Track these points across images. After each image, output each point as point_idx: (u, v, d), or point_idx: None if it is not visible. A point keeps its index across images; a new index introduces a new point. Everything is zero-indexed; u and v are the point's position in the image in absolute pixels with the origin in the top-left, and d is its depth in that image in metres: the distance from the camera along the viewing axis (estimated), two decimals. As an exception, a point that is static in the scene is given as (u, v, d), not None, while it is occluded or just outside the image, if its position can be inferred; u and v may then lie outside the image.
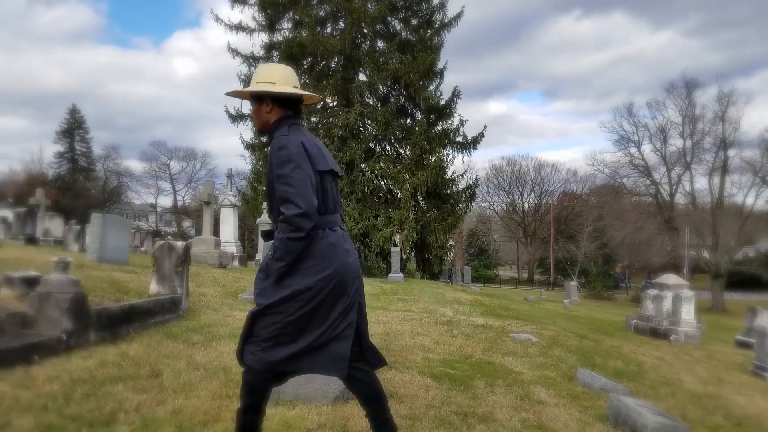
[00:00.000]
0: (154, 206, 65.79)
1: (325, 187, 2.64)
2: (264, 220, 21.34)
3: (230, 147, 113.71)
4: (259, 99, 2.72)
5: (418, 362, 5.56)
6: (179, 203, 64.07)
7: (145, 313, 5.84)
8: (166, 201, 66.25)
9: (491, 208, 62.66)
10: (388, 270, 23.29)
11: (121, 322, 5.30)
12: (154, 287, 6.76)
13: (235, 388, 3.80)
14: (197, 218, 57.96)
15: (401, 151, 26.31)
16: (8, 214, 39.95)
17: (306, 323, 2.56)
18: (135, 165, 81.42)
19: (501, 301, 17.20)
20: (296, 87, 2.74)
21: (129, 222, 10.71)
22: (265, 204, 23.21)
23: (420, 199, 24.51)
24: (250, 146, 26.87)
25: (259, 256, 19.81)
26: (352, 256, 2.71)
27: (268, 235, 2.71)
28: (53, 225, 17.28)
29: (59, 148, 56.07)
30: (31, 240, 15.08)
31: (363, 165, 24.25)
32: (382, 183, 25.55)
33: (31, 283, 5.18)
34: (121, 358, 4.48)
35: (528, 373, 5.59)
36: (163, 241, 6.89)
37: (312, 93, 2.89)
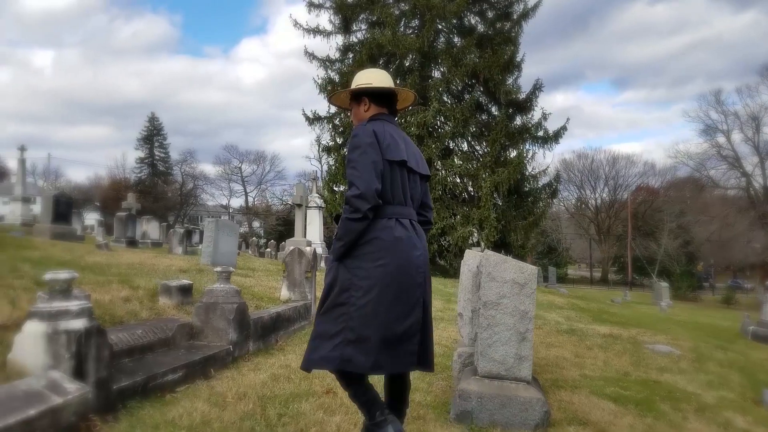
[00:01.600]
0: (226, 207, 67.68)
1: (394, 177, 2.63)
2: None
3: (295, 149, 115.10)
4: (357, 99, 2.85)
5: (578, 380, 5.16)
6: (250, 204, 65.67)
7: (287, 321, 5.72)
8: (236, 202, 68.11)
9: (561, 204, 60.62)
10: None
11: (270, 331, 5.19)
12: (284, 293, 6.66)
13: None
14: (265, 219, 59.32)
15: (478, 148, 25.70)
16: (98, 217, 42.13)
17: (372, 315, 2.53)
18: (209, 168, 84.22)
19: (597, 305, 16.43)
20: (391, 86, 2.83)
21: (237, 226, 10.79)
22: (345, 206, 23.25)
23: (499, 197, 23.78)
24: (327, 149, 27.00)
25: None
26: (419, 250, 2.70)
27: (337, 218, 2.71)
28: (150, 228, 17.86)
29: (140, 154, 58.75)
30: (132, 243, 15.57)
31: (440, 163, 23.85)
32: (460, 181, 25.00)
33: (184, 291, 5.14)
34: (286, 370, 4.33)
35: (705, 395, 5.08)
36: (293, 248, 6.78)
37: (405, 89, 2.94)
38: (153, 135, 59.09)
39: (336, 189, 26.17)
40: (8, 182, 32.03)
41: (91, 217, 47.13)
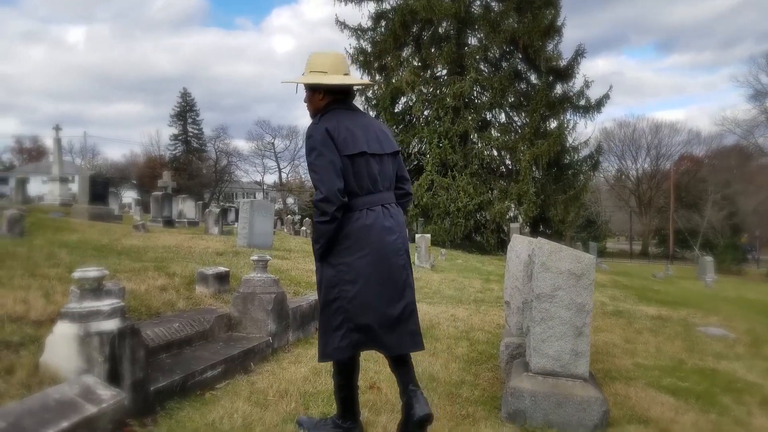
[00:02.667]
0: (260, 184, 68.24)
1: (358, 170, 2.65)
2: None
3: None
4: (312, 88, 2.78)
5: (632, 370, 4.87)
6: (283, 180, 66.01)
7: (325, 308, 5.55)
8: (270, 179, 68.56)
9: (601, 175, 58.98)
10: (501, 247, 22.42)
11: (310, 319, 5.03)
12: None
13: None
14: (299, 195, 59.53)
15: (516, 119, 25.03)
16: (135, 195, 42.90)
17: (365, 304, 2.64)
18: (242, 144, 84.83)
19: (640, 281, 15.93)
20: (347, 74, 2.80)
21: (272, 206, 10.69)
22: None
23: (538, 170, 23.18)
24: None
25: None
26: (395, 234, 2.76)
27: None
28: (186, 207, 17.98)
29: (174, 130, 59.34)
30: (169, 222, 15.70)
31: (476, 136, 23.33)
32: (497, 155, 24.46)
33: (221, 278, 5.02)
34: (327, 363, 4.16)
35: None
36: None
37: (361, 81, 3.06)
38: (186, 111, 59.51)
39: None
40: (47, 161, 32.74)
41: (129, 196, 48.08)
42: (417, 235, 13.85)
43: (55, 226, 10.44)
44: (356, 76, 3.00)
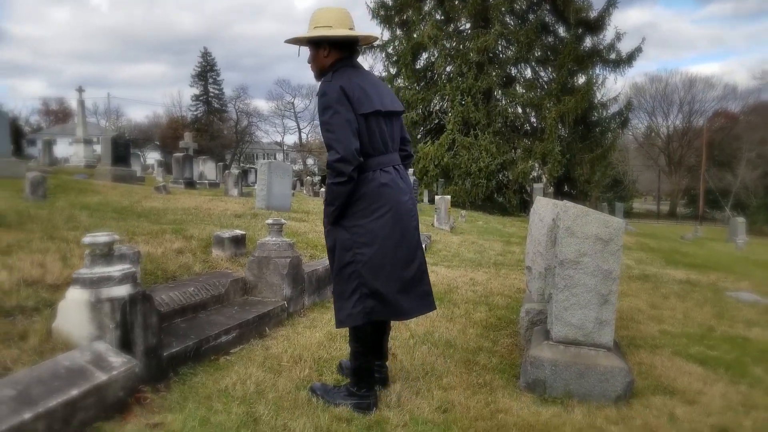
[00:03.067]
0: (280, 144, 68.22)
1: (371, 129, 2.61)
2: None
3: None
4: (316, 44, 2.69)
5: (658, 337, 4.74)
6: (303, 141, 65.84)
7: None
8: (290, 139, 68.44)
9: (630, 133, 57.39)
10: (523, 207, 22.13)
11: (326, 283, 4.98)
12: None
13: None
14: (319, 155, 59.35)
15: (543, 74, 24.30)
16: (158, 156, 43.19)
17: (380, 266, 2.64)
18: (262, 104, 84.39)
19: (667, 243, 15.61)
20: (351, 28, 2.69)
21: (291, 167, 10.60)
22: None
23: (564, 128, 22.57)
24: (379, 79, 26.26)
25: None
26: (407, 195, 2.76)
27: (323, 180, 2.52)
28: (206, 168, 18.03)
29: (195, 91, 59.29)
30: (190, 184, 15.75)
31: (500, 93, 22.75)
32: (522, 112, 23.88)
33: (237, 242, 4.97)
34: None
35: (804, 354, 4.57)
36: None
37: (368, 33, 2.78)
38: (206, 71, 59.30)
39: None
40: (72, 123, 33.05)
41: (152, 157, 48.47)
42: (437, 197, 13.68)
43: (78, 187, 10.52)
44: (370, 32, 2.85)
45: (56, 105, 63.70)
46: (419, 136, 26.54)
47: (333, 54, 2.68)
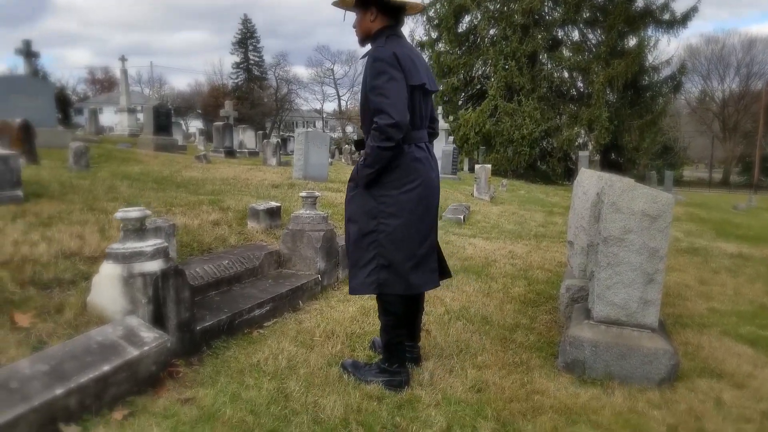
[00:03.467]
0: (320, 112, 68.18)
1: (414, 102, 2.61)
2: (441, 126, 20.53)
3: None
4: (364, 7, 2.67)
5: (706, 315, 4.53)
6: (343, 108, 65.63)
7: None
8: (330, 106, 68.33)
9: (683, 97, 54.78)
10: (567, 176, 21.55)
11: (361, 256, 4.93)
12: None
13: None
14: (359, 123, 59.10)
15: (591, 37, 23.30)
16: (200, 125, 43.70)
17: (401, 239, 2.65)
18: (302, 71, 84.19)
19: (719, 214, 14.97)
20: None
21: (328, 136, 10.53)
22: (440, 108, 22.39)
23: (612, 93, 21.67)
24: (420, 44, 25.72)
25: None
26: (434, 171, 2.79)
27: (358, 145, 2.77)
28: (246, 137, 18.16)
29: (236, 58, 59.61)
30: (230, 153, 15.90)
31: (546, 57, 21.96)
32: (568, 76, 23.03)
33: (272, 214, 4.96)
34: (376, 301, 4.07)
35: None
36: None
37: (417, 1, 2.73)
38: (247, 38, 59.44)
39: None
40: (117, 92, 33.81)
41: (194, 125, 49.22)
42: (477, 166, 13.42)
43: (121, 157, 10.74)
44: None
45: (102, 74, 65.14)
46: (460, 102, 26.04)
47: (380, 19, 2.66)
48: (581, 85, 22.86)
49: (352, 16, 2.78)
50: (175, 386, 2.51)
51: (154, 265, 2.65)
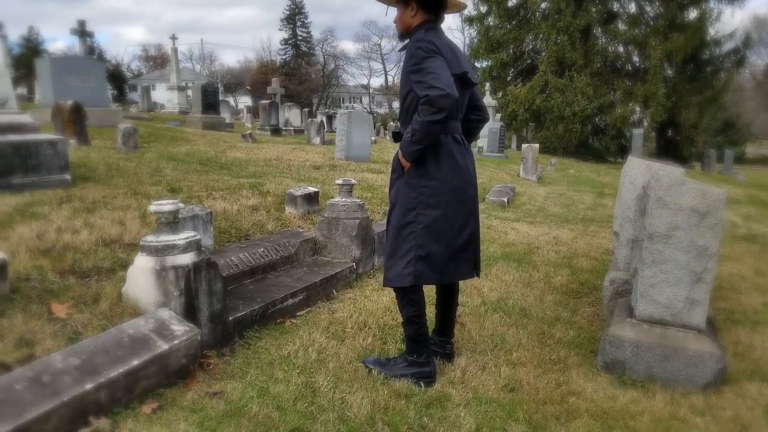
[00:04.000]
0: (366, 87, 67.96)
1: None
2: (486, 103, 20.10)
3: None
4: (405, 2, 2.69)
5: (761, 311, 4.27)
6: (389, 83, 65.15)
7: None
8: (376, 82, 68.00)
9: (747, 70, 51.62)
10: (621, 153, 20.76)
11: (399, 243, 4.88)
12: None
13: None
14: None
15: (649, 9, 22.17)
16: (249, 101, 44.22)
17: (439, 230, 2.66)
18: (349, 47, 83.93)
19: (782, 196, 14.14)
20: None
21: (371, 117, 10.46)
22: (488, 84, 21.90)
23: (671, 68, 20.64)
24: (469, 19, 25.15)
25: (481, 142, 18.89)
26: (470, 162, 2.78)
27: (396, 137, 2.75)
28: (291, 115, 18.27)
29: (284, 34, 59.93)
30: (276, 130, 16.07)
31: (600, 31, 21.07)
32: (623, 51, 22.06)
33: (310, 199, 4.95)
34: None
35: None
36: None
37: None
38: (295, 14, 59.60)
39: (478, 65, 24.61)
40: (169, 68, 34.61)
41: (243, 102, 49.89)
42: (524, 145, 13.09)
43: (169, 136, 10.97)
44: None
45: (155, 51, 66.60)
46: (509, 78, 25.41)
47: (420, 15, 2.68)
48: (637, 59, 21.88)
49: (394, 11, 2.80)
50: (205, 378, 2.54)
51: (186, 258, 2.67)
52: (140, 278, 2.67)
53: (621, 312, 3.36)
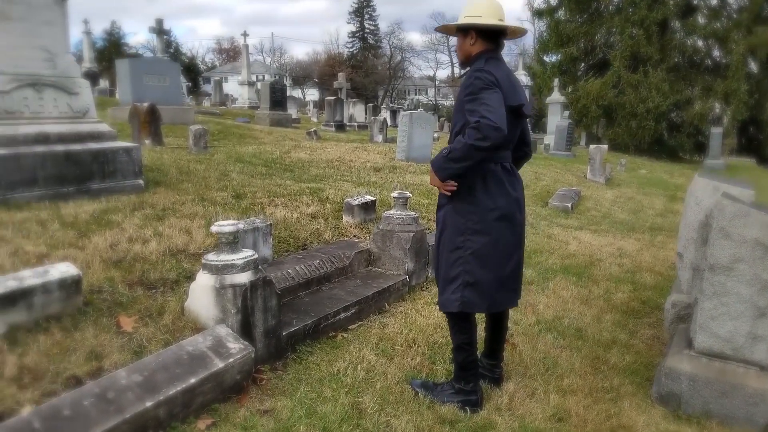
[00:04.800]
0: (432, 79, 67.56)
1: (508, 123, 2.55)
2: (554, 99, 19.58)
3: (508, 10, 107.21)
4: (464, 31, 2.74)
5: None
6: (456, 75, 64.47)
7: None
8: (442, 73, 67.45)
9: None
10: (698, 151, 19.75)
11: (454, 254, 4.89)
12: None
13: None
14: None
15: (731, 1, 20.91)
16: (316, 95, 44.92)
17: (486, 257, 2.67)
18: (416, 38, 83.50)
19: None
20: (501, 20, 2.71)
21: (433, 118, 10.43)
22: (556, 80, 21.32)
23: (755, 63, 19.40)
24: (539, 12, 24.51)
25: (548, 140, 18.45)
26: (519, 191, 2.79)
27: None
28: (356, 111, 18.50)
29: (352, 27, 60.55)
30: (340, 126, 16.32)
31: (678, 24, 20.04)
32: (703, 45, 20.90)
33: (367, 208, 5.04)
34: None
35: None
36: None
37: (517, 26, 2.82)
38: (363, 7, 60.04)
39: (547, 60, 23.99)
40: (240, 61, 35.73)
41: (311, 94, 50.78)
42: (591, 146, 12.69)
43: (238, 133, 11.39)
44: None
45: (228, 44, 68.77)
46: (579, 73, 24.62)
47: (479, 44, 2.71)
48: (717, 54, 20.67)
49: (456, 40, 2.87)
50: (258, 394, 2.67)
51: (244, 277, 2.81)
52: (201, 295, 2.83)
53: (679, 341, 3.25)
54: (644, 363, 3.48)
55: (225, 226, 2.86)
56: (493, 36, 2.71)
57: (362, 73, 53.24)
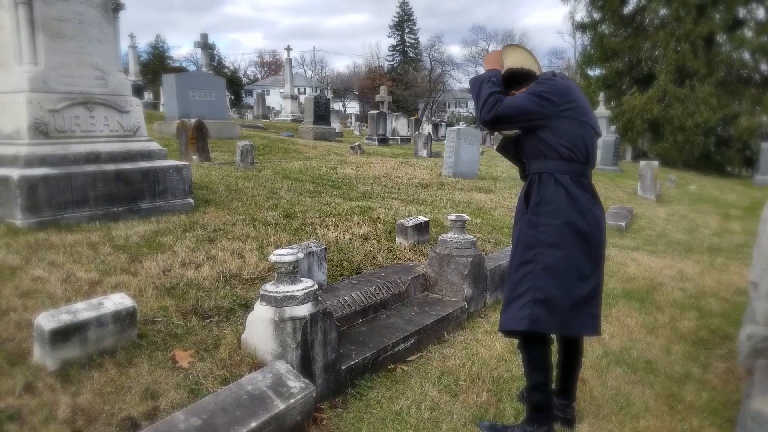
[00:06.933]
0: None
1: (583, 135, 2.54)
2: (600, 113, 19.08)
3: (547, 23, 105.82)
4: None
5: None
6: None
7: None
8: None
9: None
10: (747, 166, 18.91)
11: (510, 279, 4.68)
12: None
13: None
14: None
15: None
16: (357, 108, 45.09)
17: (560, 273, 2.47)
18: (456, 51, 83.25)
19: None
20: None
21: (479, 134, 10.25)
22: (601, 94, 20.83)
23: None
24: (581, 25, 24.09)
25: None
26: (599, 211, 2.62)
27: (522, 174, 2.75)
28: (399, 125, 18.44)
29: (392, 41, 60.98)
30: (383, 140, 16.27)
31: (725, 38, 19.37)
32: (750, 58, 20.16)
33: (420, 229, 4.89)
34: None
35: None
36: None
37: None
38: (403, 21, 60.40)
39: (591, 74, 23.51)
40: (283, 74, 36.21)
41: (352, 106, 51.08)
42: (642, 162, 12.26)
43: (283, 148, 11.42)
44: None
45: (270, 57, 69.96)
46: (624, 87, 24.03)
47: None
48: (766, 68, 19.88)
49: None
50: (319, 435, 2.53)
51: (304, 310, 2.68)
52: (259, 328, 2.72)
53: (763, 380, 2.98)
54: (722, 401, 3.22)
55: (284, 255, 2.74)
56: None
57: (402, 86, 53.39)
